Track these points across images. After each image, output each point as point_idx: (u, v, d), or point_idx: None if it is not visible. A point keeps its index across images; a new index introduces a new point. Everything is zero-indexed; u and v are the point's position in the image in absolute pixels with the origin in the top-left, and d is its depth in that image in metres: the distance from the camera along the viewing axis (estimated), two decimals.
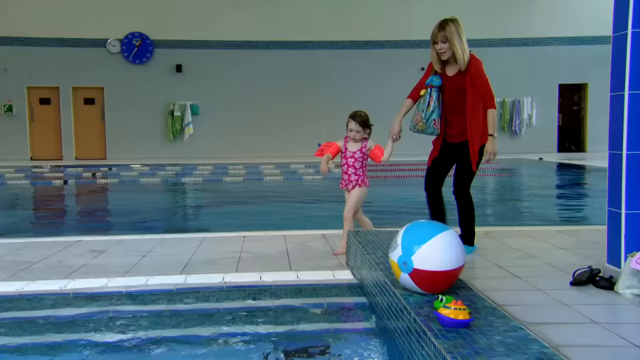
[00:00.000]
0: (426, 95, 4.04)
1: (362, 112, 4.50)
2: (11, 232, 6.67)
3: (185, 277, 3.79)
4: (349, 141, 4.54)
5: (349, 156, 4.51)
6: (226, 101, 18.90)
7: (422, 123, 4.04)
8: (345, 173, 4.56)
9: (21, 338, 2.87)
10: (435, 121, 4.03)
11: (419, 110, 4.07)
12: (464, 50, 3.93)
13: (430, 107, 4.02)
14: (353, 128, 4.45)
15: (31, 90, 18.48)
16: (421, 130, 4.08)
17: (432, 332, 2.13)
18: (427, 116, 4.01)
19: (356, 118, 4.45)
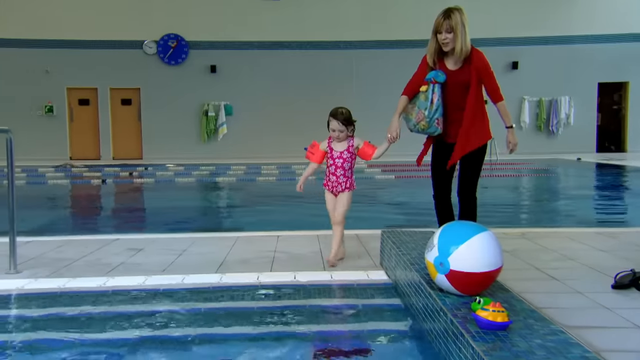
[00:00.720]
0: (428, 92, 3.80)
1: (344, 108, 4.14)
2: (52, 230, 6.85)
3: (220, 276, 3.83)
4: (333, 141, 4.19)
5: (336, 157, 4.16)
6: (259, 101, 19.04)
7: (424, 122, 3.81)
8: (333, 174, 4.18)
9: (64, 334, 2.94)
10: (438, 120, 3.82)
11: (421, 109, 3.82)
12: (465, 42, 3.73)
13: (434, 105, 3.79)
14: (335, 127, 4.09)
15: (70, 91, 18.95)
16: (422, 129, 3.86)
17: (469, 334, 2.10)
18: (430, 115, 3.79)
19: (338, 116, 4.08)
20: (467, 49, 3.74)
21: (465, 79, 3.78)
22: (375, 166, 14.96)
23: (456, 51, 3.74)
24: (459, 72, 3.81)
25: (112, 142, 19.19)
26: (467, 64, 3.79)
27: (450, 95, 3.82)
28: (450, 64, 3.84)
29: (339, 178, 4.16)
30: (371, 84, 19.10)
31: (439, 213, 4.11)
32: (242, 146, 18.80)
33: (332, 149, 4.17)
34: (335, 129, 4.08)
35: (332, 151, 4.18)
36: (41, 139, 18.34)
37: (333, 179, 4.17)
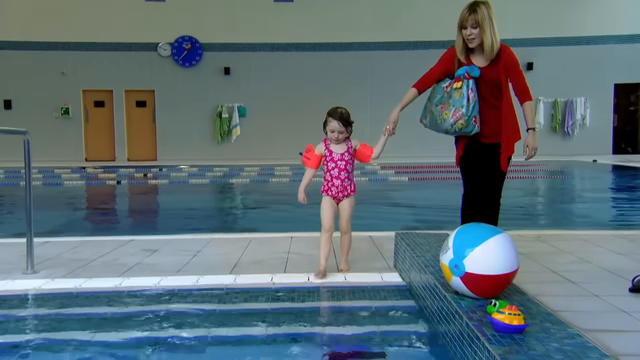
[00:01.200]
0: (463, 89, 3.52)
1: (342, 108, 3.94)
2: (69, 231, 6.92)
3: (234, 277, 3.85)
4: (330, 143, 3.95)
5: (338, 159, 3.92)
6: (272, 103, 19.09)
7: (462, 121, 3.52)
8: (337, 178, 3.92)
9: (80, 334, 2.97)
10: (475, 118, 3.55)
11: (457, 107, 3.54)
12: (495, 37, 3.51)
13: (471, 102, 3.51)
14: (335, 128, 3.85)
15: (86, 94, 19.14)
16: (460, 129, 3.56)
17: (485, 338, 2.09)
18: (468, 112, 3.51)
19: (336, 115, 3.86)
20: (496, 44, 3.52)
21: (495, 77, 3.56)
22: (389, 168, 14.92)
23: (485, 47, 3.52)
24: (487, 69, 3.58)
25: (127, 144, 19.34)
26: (495, 61, 3.57)
27: (481, 93, 3.59)
28: (478, 61, 3.61)
29: (344, 181, 3.93)
30: (386, 86, 19.06)
31: (464, 213, 3.87)
32: (255, 147, 18.87)
33: (332, 152, 3.94)
34: (335, 130, 3.86)
35: (332, 154, 3.94)
36: (57, 140, 18.55)
37: (337, 183, 3.93)
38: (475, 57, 3.62)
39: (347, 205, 3.95)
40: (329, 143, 3.95)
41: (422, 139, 19.08)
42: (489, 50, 3.51)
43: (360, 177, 14.07)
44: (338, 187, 3.93)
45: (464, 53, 3.63)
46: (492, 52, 3.52)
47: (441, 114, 3.61)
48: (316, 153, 3.99)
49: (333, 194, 3.94)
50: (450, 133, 3.63)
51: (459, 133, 3.61)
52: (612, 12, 18.77)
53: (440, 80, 3.72)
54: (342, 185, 3.93)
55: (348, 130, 3.92)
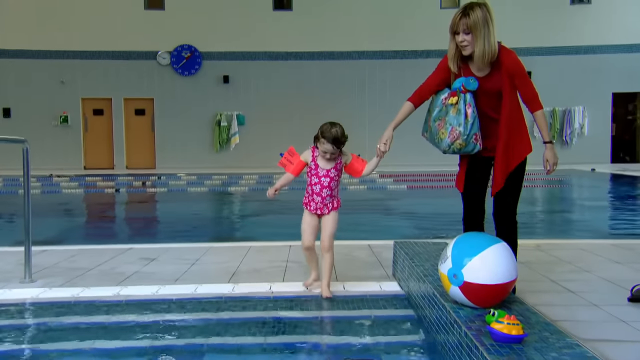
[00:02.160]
0: (460, 105, 3.19)
1: (337, 126, 3.56)
2: (67, 239, 6.90)
3: (233, 286, 3.84)
4: (319, 155, 3.63)
5: (323, 175, 3.61)
6: (272, 111, 19.13)
7: (461, 140, 3.19)
8: (318, 195, 3.63)
9: (77, 343, 2.96)
10: (476, 135, 3.20)
11: (454, 125, 3.19)
12: (490, 45, 3.09)
13: (469, 119, 3.17)
14: (328, 150, 3.52)
15: (85, 102, 19.16)
16: (459, 149, 3.22)
17: (484, 347, 2.08)
18: (467, 131, 3.17)
19: (329, 137, 3.48)
20: (492, 52, 3.11)
21: (496, 87, 3.19)
22: (388, 176, 14.93)
23: (475, 56, 3.13)
24: (487, 79, 3.21)
25: (126, 152, 19.35)
26: (496, 69, 3.18)
27: (482, 105, 3.24)
28: (476, 70, 3.22)
29: (325, 199, 3.63)
30: (384, 95, 19.13)
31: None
32: (254, 156, 18.88)
33: (318, 166, 3.62)
34: (328, 152, 3.53)
35: (317, 168, 3.62)
36: (56, 148, 18.56)
37: (318, 200, 3.63)
38: (472, 65, 3.23)
39: (329, 221, 3.64)
40: (317, 155, 3.63)
41: (421, 147, 19.12)
42: (479, 60, 3.13)
43: (359, 185, 14.08)
44: (318, 204, 3.65)
45: (456, 61, 3.24)
46: (483, 62, 3.14)
47: (438, 132, 3.30)
48: (301, 158, 3.69)
49: (312, 210, 3.67)
50: (449, 153, 3.32)
51: (459, 153, 3.30)
52: (610, 22, 18.87)
53: (439, 90, 3.39)
54: (323, 202, 3.64)
55: (341, 148, 3.61)
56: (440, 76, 3.38)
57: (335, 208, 3.67)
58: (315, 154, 3.64)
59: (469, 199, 3.42)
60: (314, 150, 3.64)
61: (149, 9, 19.09)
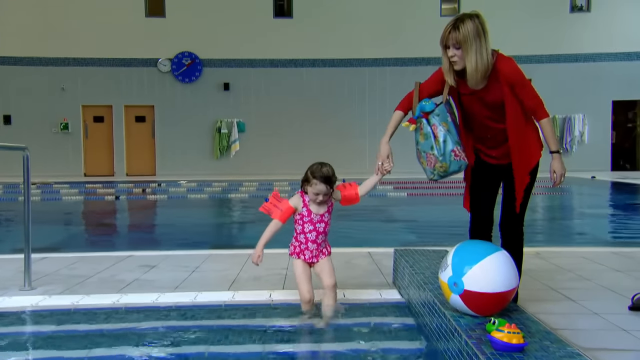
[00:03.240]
0: (425, 129, 3.06)
1: (327, 166, 3.24)
2: (67, 247, 6.90)
3: (233, 294, 3.83)
4: (310, 201, 3.31)
5: (318, 220, 3.31)
6: (272, 118, 19.17)
7: (440, 163, 3.02)
8: (313, 242, 3.33)
9: (77, 351, 2.95)
10: (455, 152, 3.02)
11: (428, 151, 3.06)
12: (483, 58, 2.90)
13: (439, 138, 3.01)
14: (321, 191, 3.21)
15: (85, 109, 19.20)
16: (445, 172, 3.06)
17: (484, 356, 2.08)
18: (441, 151, 3.01)
19: (321, 177, 3.18)
20: (485, 67, 2.92)
21: (497, 98, 3.00)
22: (388, 183, 14.92)
23: (468, 72, 2.94)
24: (486, 91, 3.02)
25: (126, 159, 19.37)
26: (494, 80, 2.99)
27: (482, 119, 3.08)
28: (473, 84, 3.02)
29: (321, 245, 3.37)
30: (385, 102, 19.15)
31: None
32: (254, 163, 18.91)
33: (311, 212, 3.30)
34: (321, 193, 3.21)
35: (310, 214, 3.30)
36: (57, 155, 18.58)
37: (312, 248, 3.34)
38: (468, 79, 3.03)
39: (327, 266, 3.37)
40: (308, 200, 3.31)
41: None
42: (472, 75, 2.94)
43: None
44: (313, 252, 3.35)
45: (452, 74, 3.06)
46: (476, 76, 2.94)
47: (420, 163, 3.20)
48: (290, 204, 3.33)
49: (307, 259, 3.37)
50: (437, 179, 3.14)
51: (447, 176, 3.12)
52: (610, 30, 18.94)
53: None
54: (318, 249, 3.36)
55: (333, 188, 3.31)
56: (433, 88, 3.20)
57: (330, 253, 3.44)
58: (306, 199, 3.30)
59: (477, 209, 3.26)
60: (303, 195, 3.31)
61: (149, 16, 19.16)
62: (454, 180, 3.77)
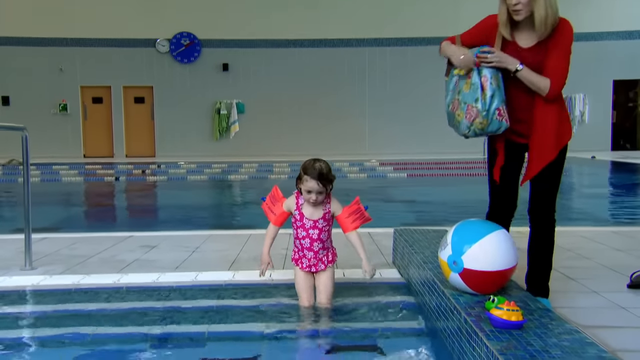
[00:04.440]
0: (473, 77, 2.75)
1: (322, 162, 3.01)
2: (66, 227, 6.91)
3: (233, 274, 3.85)
4: (304, 203, 3.11)
5: (310, 226, 3.09)
6: (272, 99, 19.09)
7: (481, 118, 2.73)
8: (309, 250, 3.12)
9: (79, 329, 2.96)
10: (500, 110, 2.73)
11: (470, 102, 2.75)
12: (552, 6, 2.65)
13: (487, 92, 2.71)
14: (313, 189, 2.97)
15: (84, 90, 19.11)
16: (481, 130, 2.77)
17: (483, 333, 2.09)
18: (486, 106, 2.71)
19: (313, 173, 2.94)
20: (553, 17, 2.66)
21: (539, 61, 2.72)
22: (388, 164, 14.91)
23: (536, 21, 2.65)
24: (532, 51, 2.74)
25: (125, 140, 19.33)
26: (545, 41, 2.72)
27: (519, 84, 2.77)
28: (522, 39, 2.76)
29: (318, 253, 3.13)
30: (386, 82, 19.08)
31: None
32: (254, 144, 18.88)
33: (304, 216, 3.09)
34: (313, 191, 2.98)
35: (303, 218, 3.09)
36: (56, 136, 18.54)
37: (310, 256, 3.14)
38: (519, 33, 2.76)
39: (325, 280, 3.15)
40: (302, 203, 3.11)
41: (421, 135, 19.11)
42: (540, 25, 2.64)
43: (359, 174, 14.08)
44: (310, 261, 3.14)
45: (508, 27, 2.74)
46: (544, 29, 2.66)
47: (454, 115, 2.88)
48: (283, 209, 3.16)
49: (305, 267, 3.16)
50: (471, 136, 2.85)
51: (482, 134, 2.83)
52: (611, 8, 18.77)
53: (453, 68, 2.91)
54: (316, 257, 3.13)
55: (328, 188, 3.05)
56: (476, 40, 2.88)
57: (332, 262, 3.19)
58: (300, 201, 3.11)
59: (497, 192, 2.98)
60: (299, 197, 3.11)
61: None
62: (455, 162, 3.75)
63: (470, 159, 15.14)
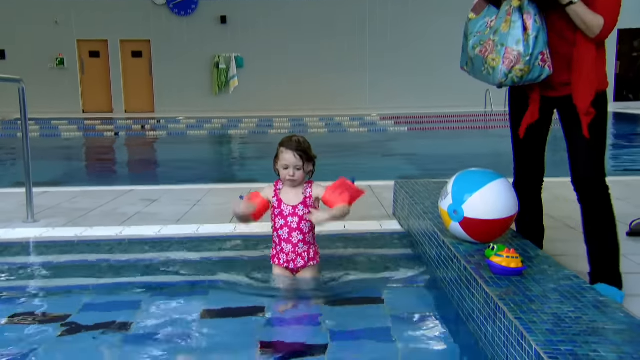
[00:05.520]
0: (514, 15, 2.35)
1: (300, 136, 2.77)
2: (67, 182, 6.92)
3: (234, 226, 3.87)
4: (283, 188, 2.80)
5: (289, 213, 2.75)
6: (271, 52, 18.81)
7: (522, 64, 2.34)
8: (287, 242, 2.77)
9: (82, 280, 3.00)
10: (543, 55, 2.36)
11: (509, 45, 2.35)
12: None
13: (530, 32, 2.32)
14: (290, 162, 2.68)
15: (81, 44, 18.82)
16: (521, 78, 2.38)
17: (483, 280, 2.11)
18: (529, 50, 2.33)
19: (290, 144, 2.69)
20: None
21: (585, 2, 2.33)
22: (389, 118, 14.83)
23: None
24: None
25: (124, 95, 19.16)
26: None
27: (557, 30, 2.42)
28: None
29: (297, 246, 2.77)
30: (386, 33, 18.75)
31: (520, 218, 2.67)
32: (253, 99, 18.71)
33: (282, 201, 2.77)
34: (290, 165, 2.68)
35: (281, 204, 2.77)
36: (53, 91, 18.36)
37: (288, 249, 2.77)
38: None
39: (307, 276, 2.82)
40: (280, 188, 2.82)
41: (422, 88, 18.91)
42: None
43: (360, 128, 14.02)
44: (288, 255, 2.78)
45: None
46: None
47: (485, 60, 2.44)
48: (262, 196, 2.82)
49: (282, 263, 2.80)
50: (508, 84, 2.46)
51: (521, 83, 2.43)
52: None
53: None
54: (295, 251, 2.77)
55: (307, 167, 2.75)
56: None
57: (313, 259, 2.82)
58: (279, 186, 2.81)
59: (526, 154, 2.69)
60: (277, 184, 2.83)
61: None
62: (456, 115, 3.71)
63: (471, 112, 15.04)
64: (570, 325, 1.71)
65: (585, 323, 1.73)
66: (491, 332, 1.97)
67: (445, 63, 17.61)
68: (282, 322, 2.57)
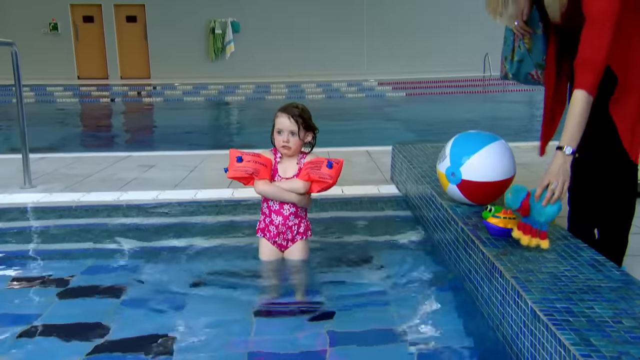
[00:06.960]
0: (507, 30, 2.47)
1: (300, 104, 2.63)
2: (63, 148, 6.90)
3: (232, 191, 3.87)
4: (281, 160, 2.65)
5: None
6: (267, 17, 18.54)
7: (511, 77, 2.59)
8: (277, 213, 2.63)
9: (80, 244, 3.02)
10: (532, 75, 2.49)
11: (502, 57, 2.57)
12: None
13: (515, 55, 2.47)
14: (284, 126, 2.54)
15: (74, 8, 18.52)
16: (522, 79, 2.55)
17: (480, 240, 2.12)
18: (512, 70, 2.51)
19: (288, 109, 2.56)
20: None
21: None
22: (387, 84, 14.73)
23: None
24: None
25: (119, 61, 18.94)
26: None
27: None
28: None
29: (288, 220, 2.63)
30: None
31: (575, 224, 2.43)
32: (250, 65, 18.51)
33: (277, 172, 2.63)
34: (285, 130, 2.54)
35: (275, 175, 2.63)
36: (48, 57, 18.12)
37: (278, 221, 2.62)
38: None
39: (297, 255, 2.67)
40: (279, 161, 2.65)
41: (420, 53, 18.71)
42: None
43: (357, 94, 13.94)
44: (278, 227, 2.63)
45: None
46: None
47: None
48: (269, 157, 2.65)
49: (270, 237, 2.66)
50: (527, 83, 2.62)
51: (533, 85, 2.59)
52: None
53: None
54: (285, 224, 2.63)
55: (304, 136, 2.59)
56: None
57: (304, 234, 2.67)
58: (278, 157, 2.66)
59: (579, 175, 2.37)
60: (276, 152, 2.66)
61: None
62: (454, 80, 3.67)
63: (468, 76, 14.94)
64: (566, 284, 1.73)
65: (581, 281, 1.74)
66: (487, 291, 1.99)
67: (443, 28, 17.42)
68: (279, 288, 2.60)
